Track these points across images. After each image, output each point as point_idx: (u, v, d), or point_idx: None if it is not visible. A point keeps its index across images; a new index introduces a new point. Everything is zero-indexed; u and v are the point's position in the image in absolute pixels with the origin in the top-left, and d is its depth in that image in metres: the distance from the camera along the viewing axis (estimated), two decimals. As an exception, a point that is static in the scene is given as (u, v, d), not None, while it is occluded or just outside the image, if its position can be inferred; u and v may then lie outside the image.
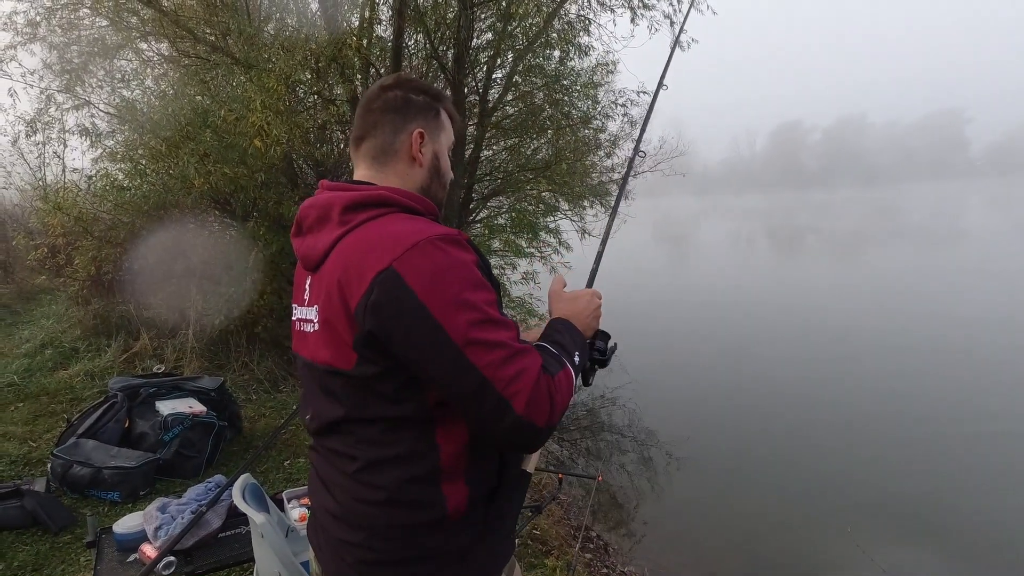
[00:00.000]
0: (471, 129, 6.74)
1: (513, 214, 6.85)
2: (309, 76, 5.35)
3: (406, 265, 0.90)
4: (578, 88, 6.77)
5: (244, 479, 1.86)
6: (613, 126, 7.57)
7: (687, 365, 8.97)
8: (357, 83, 5.70)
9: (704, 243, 30.66)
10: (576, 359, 1.06)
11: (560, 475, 3.54)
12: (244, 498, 1.74)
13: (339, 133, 6.15)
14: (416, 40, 6.30)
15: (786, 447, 6.07)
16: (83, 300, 6.36)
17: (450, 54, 6.11)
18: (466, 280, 0.92)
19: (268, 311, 5.68)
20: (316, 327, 1.02)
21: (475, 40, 6.50)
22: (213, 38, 5.77)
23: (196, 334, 5.59)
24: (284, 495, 2.45)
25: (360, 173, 1.11)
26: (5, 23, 5.65)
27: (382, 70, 5.80)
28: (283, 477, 3.76)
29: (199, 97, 5.27)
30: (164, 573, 1.97)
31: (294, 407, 4.53)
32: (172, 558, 1.98)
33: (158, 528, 2.10)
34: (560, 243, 7.05)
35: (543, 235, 6.76)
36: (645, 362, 8.68)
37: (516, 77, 6.83)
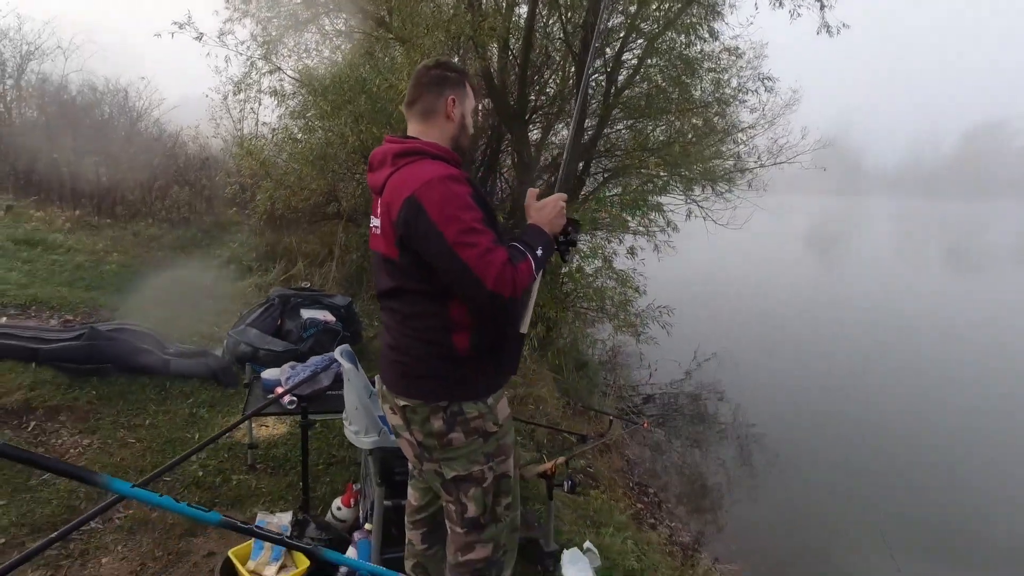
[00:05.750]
0: (594, 106, 7.14)
1: (625, 194, 7.12)
2: (447, 52, 6.08)
3: (422, 194, 1.43)
4: (705, 71, 6.85)
5: (344, 347, 2.59)
6: (744, 114, 7.57)
7: (807, 370, 8.71)
8: (491, 59, 6.36)
9: (863, 248, 27.93)
10: (539, 252, 1.55)
11: (611, 418, 4.04)
12: (342, 356, 2.47)
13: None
14: (548, 24, 6.77)
15: (899, 470, 5.83)
16: (259, 231, 7.83)
17: (578, 40, 6.52)
18: (461, 205, 1.43)
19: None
20: (379, 230, 1.62)
21: (609, 21, 6.80)
22: (381, 14, 6.71)
23: (338, 266, 6.72)
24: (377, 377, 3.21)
25: (412, 127, 1.67)
26: (227, 2, 7.03)
27: (514, 49, 6.40)
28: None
29: (362, 68, 6.25)
30: (288, 406, 2.82)
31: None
32: (293, 398, 2.81)
33: (288, 379, 2.94)
34: (668, 223, 7.22)
35: (651, 213, 6.98)
36: (763, 362, 8.66)
37: (647, 59, 7.01)
